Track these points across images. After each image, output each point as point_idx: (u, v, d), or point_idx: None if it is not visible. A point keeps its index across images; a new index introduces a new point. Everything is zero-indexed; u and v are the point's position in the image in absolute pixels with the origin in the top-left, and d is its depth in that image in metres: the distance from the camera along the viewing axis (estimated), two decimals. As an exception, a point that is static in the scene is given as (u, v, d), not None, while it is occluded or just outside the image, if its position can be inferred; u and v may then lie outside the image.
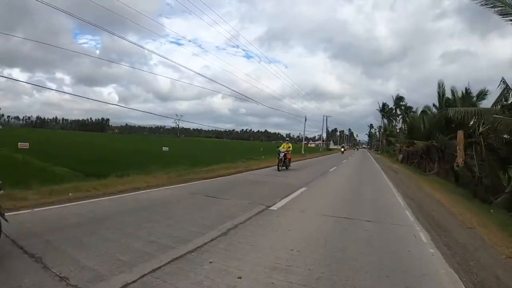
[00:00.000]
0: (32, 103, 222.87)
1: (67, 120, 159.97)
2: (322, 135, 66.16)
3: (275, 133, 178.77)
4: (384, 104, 59.55)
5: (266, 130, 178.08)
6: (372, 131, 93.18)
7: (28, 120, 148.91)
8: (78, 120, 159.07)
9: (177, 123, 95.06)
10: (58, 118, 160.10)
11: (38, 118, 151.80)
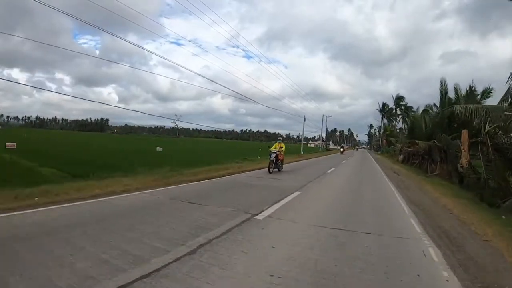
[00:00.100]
0: (32, 103, 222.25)
1: (67, 120, 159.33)
2: (322, 135, 65.46)
3: (274, 133, 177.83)
4: (384, 104, 59.06)
5: (266, 130, 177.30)
6: (372, 131, 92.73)
7: (27, 120, 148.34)
8: (78, 120, 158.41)
9: (176, 124, 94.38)
10: (57, 118, 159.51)
11: (38, 118, 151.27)
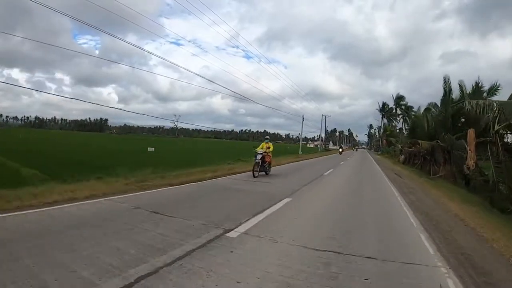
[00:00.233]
0: (31, 103, 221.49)
1: (66, 120, 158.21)
2: (321, 135, 64.61)
3: (274, 133, 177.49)
4: (384, 104, 58.31)
5: (266, 131, 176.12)
6: (371, 131, 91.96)
7: (26, 120, 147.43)
8: (77, 120, 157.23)
9: (175, 124, 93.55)
10: (56, 118, 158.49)
11: (37, 118, 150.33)
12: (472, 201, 7.69)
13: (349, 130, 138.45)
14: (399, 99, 51.97)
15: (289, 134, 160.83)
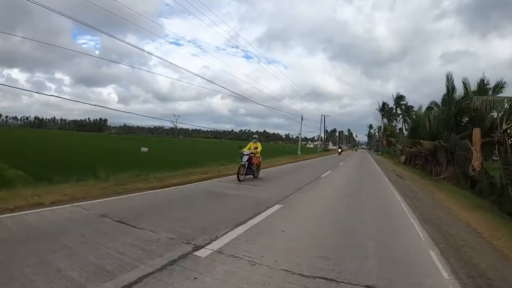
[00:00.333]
0: (31, 103, 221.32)
1: (65, 120, 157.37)
2: (321, 135, 64.00)
3: (274, 133, 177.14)
4: (384, 103, 57.81)
5: (265, 131, 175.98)
6: (371, 131, 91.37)
7: (26, 121, 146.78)
8: (76, 121, 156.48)
9: (174, 124, 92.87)
10: (56, 118, 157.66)
11: (36, 118, 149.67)
12: (481, 206, 7.08)
13: (349, 130, 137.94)
14: (399, 98, 51.48)
15: (288, 134, 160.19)
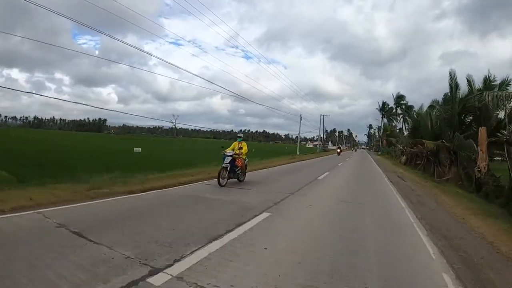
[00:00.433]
0: (31, 103, 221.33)
1: (65, 120, 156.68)
2: (320, 135, 63.43)
3: (273, 133, 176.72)
4: (384, 103, 57.32)
5: (265, 131, 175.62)
6: (371, 131, 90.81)
7: (25, 120, 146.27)
8: (76, 121, 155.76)
9: (173, 124, 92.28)
10: (55, 118, 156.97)
11: (36, 118, 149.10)
12: (491, 212, 6.49)
13: (348, 130, 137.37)
14: (399, 98, 50.99)
15: (288, 134, 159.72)
